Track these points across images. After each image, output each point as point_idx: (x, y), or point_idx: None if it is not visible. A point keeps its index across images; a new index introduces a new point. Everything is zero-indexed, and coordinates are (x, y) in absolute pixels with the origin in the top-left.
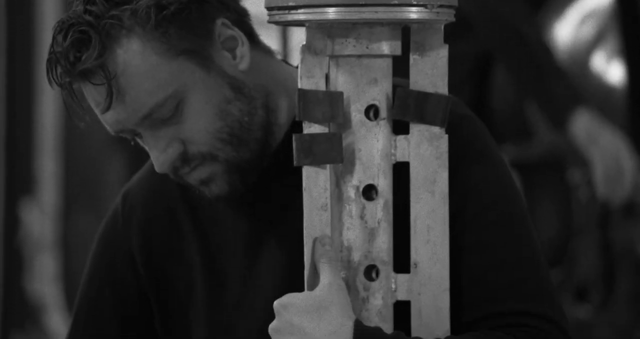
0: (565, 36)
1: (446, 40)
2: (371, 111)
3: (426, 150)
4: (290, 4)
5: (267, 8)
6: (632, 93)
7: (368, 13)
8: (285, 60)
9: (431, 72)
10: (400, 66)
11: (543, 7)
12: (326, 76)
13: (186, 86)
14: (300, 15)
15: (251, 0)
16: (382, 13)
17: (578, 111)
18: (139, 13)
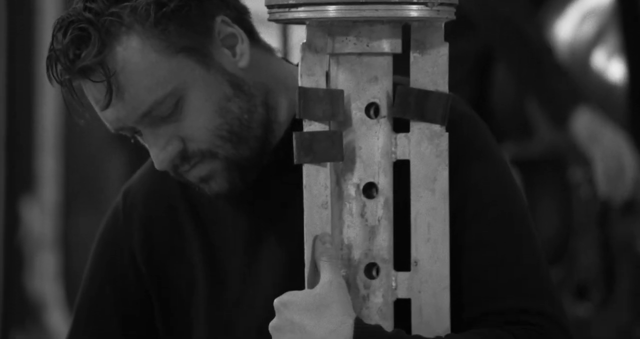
0: (566, 34)
1: (447, 38)
2: (372, 109)
3: (426, 148)
4: (290, 1)
5: (267, 6)
6: (632, 91)
7: (368, 11)
8: (286, 58)
9: (432, 70)
10: (401, 64)
11: (543, 5)
12: (326, 74)
13: (186, 84)
14: (301, 13)
15: None
16: (382, 11)
17: (579, 109)
18: (138, 10)
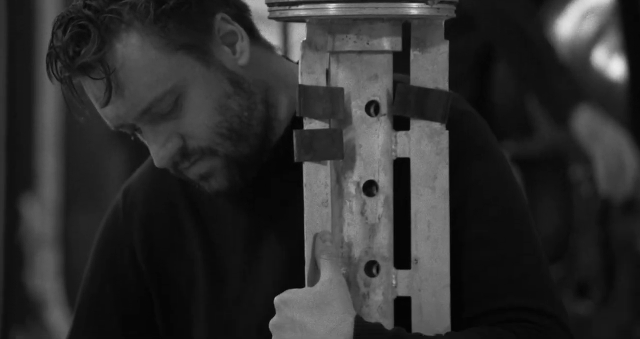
0: (566, 32)
1: (447, 36)
2: (372, 107)
3: (427, 146)
4: None
5: (268, 4)
6: (632, 89)
7: (369, 9)
8: (286, 56)
9: (432, 68)
10: (401, 62)
11: (544, 2)
12: (327, 72)
13: (185, 81)
14: (301, 11)
15: None
16: (382, 9)
17: (580, 107)
18: (138, 7)
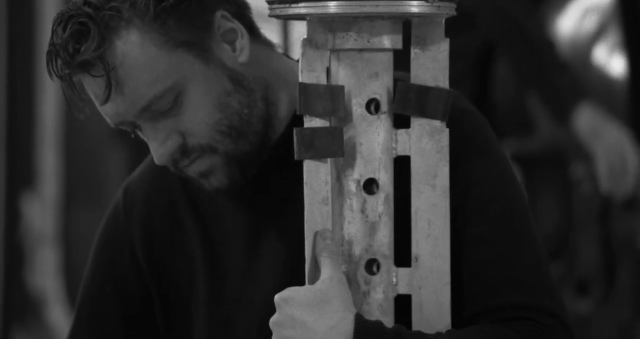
0: (567, 30)
1: (447, 34)
2: (372, 105)
3: (427, 144)
4: None
5: (268, 2)
6: (633, 86)
7: (369, 7)
8: (286, 54)
9: (432, 66)
10: (401, 60)
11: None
12: (327, 70)
13: (185, 78)
14: (301, 9)
15: None
16: (383, 7)
17: (581, 105)
18: (137, 4)
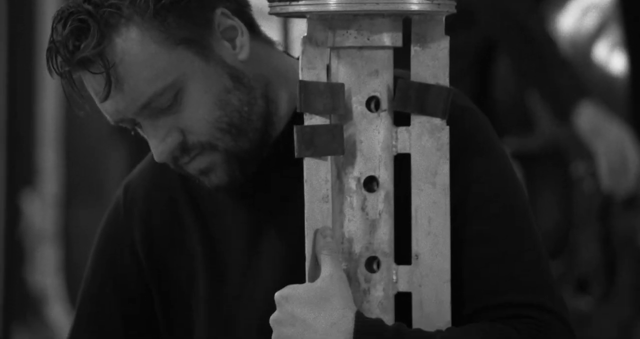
0: (567, 28)
1: (447, 32)
2: (372, 103)
3: (427, 141)
4: None
5: None
6: (633, 84)
7: (369, 4)
8: (287, 52)
9: (432, 63)
10: (402, 58)
11: None
12: (327, 68)
13: (185, 75)
14: (302, 6)
15: None
16: (383, 4)
17: (582, 103)
18: (137, 1)
